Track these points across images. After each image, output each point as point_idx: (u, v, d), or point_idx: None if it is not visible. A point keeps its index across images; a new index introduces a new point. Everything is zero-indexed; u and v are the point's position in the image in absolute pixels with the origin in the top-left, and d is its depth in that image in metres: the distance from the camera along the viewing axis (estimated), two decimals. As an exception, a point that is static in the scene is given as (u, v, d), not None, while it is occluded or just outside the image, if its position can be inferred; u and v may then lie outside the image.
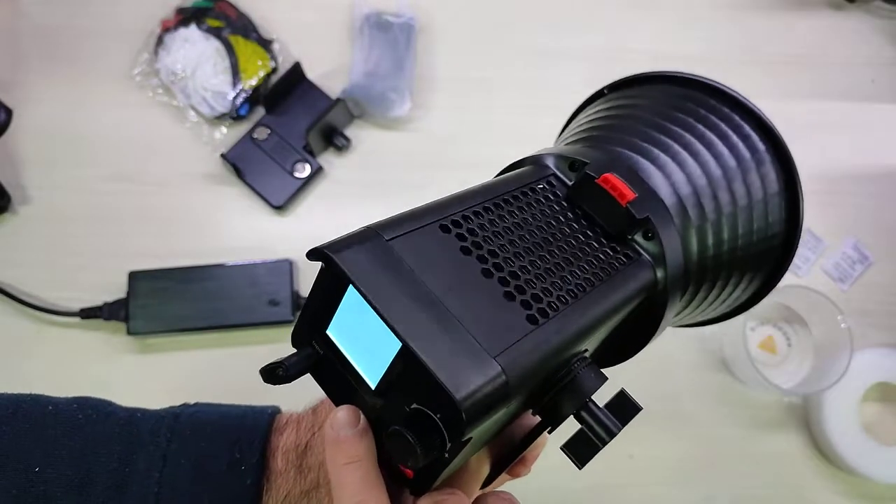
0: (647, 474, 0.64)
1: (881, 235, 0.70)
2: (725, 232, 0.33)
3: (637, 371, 0.67)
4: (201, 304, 0.63)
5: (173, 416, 0.34)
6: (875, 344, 0.66)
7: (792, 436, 0.65)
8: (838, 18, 0.76)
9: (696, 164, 0.33)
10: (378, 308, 0.22)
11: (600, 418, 0.25)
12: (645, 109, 0.36)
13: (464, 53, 0.74)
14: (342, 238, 0.24)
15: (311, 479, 0.32)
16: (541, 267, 0.26)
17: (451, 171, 0.70)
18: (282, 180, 0.68)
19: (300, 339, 0.27)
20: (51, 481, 0.31)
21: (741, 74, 0.74)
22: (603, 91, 0.40)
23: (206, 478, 0.32)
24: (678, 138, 0.33)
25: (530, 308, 0.25)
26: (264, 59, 0.70)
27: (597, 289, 0.27)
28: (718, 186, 0.33)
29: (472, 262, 0.25)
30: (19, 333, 0.64)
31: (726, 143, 0.34)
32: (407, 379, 0.23)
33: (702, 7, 0.76)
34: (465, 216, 0.27)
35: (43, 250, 0.67)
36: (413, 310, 0.22)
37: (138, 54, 0.71)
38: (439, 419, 0.22)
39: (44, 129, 0.70)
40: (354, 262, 0.23)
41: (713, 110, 0.35)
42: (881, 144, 0.73)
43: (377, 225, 0.24)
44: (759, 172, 0.34)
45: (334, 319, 0.25)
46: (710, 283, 0.33)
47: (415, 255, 0.24)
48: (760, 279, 0.36)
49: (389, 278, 0.23)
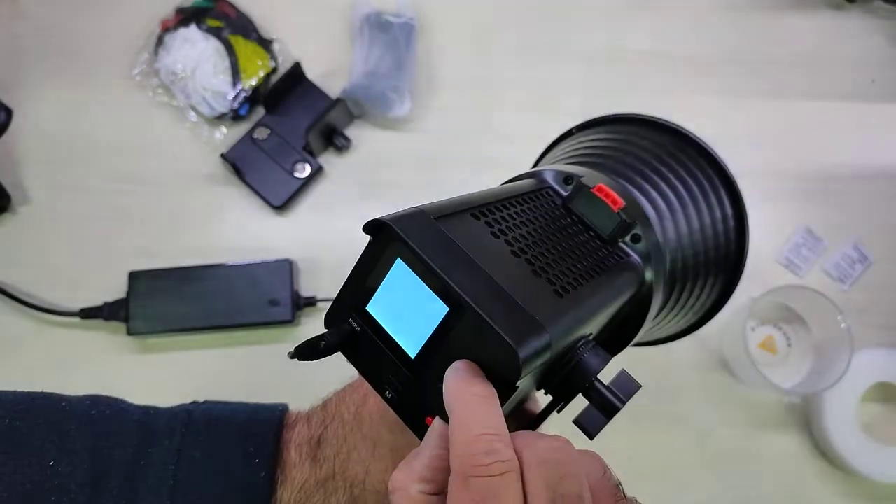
0: (647, 474, 0.64)
1: (881, 235, 0.70)
2: (689, 242, 0.39)
3: (637, 371, 0.67)
4: (201, 304, 0.63)
5: (186, 412, 0.34)
6: (875, 344, 0.66)
7: (792, 436, 0.65)
8: (838, 18, 0.76)
9: (666, 187, 0.39)
10: (437, 270, 0.24)
11: (606, 394, 0.28)
12: (617, 149, 0.42)
13: (464, 53, 0.74)
14: (394, 214, 0.26)
15: (326, 470, 0.33)
16: (554, 254, 0.30)
17: (451, 171, 0.70)
18: (282, 180, 0.68)
19: (335, 319, 0.28)
20: (65, 475, 0.31)
21: (741, 74, 0.74)
22: (571, 131, 0.46)
23: (221, 470, 0.32)
24: (649, 170, 0.40)
25: (554, 285, 0.28)
26: (264, 59, 0.70)
27: (601, 276, 0.31)
28: (684, 206, 0.39)
29: (502, 244, 0.28)
30: (19, 333, 0.65)
31: (686, 172, 0.41)
32: (453, 342, 0.25)
33: (701, 7, 0.76)
34: (488, 209, 0.29)
35: (43, 250, 0.67)
36: (466, 274, 0.25)
37: (138, 54, 0.71)
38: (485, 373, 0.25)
39: (44, 129, 0.70)
40: (412, 232, 0.25)
41: (677, 149, 0.42)
42: (881, 144, 0.73)
43: (423, 207, 0.27)
44: (715, 196, 0.42)
45: (376, 295, 0.27)
46: (682, 285, 0.39)
47: (457, 233, 0.26)
48: (722, 283, 0.43)
49: (442, 248, 0.25)
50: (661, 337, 0.46)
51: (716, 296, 0.43)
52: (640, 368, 0.69)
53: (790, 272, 0.69)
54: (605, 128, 0.45)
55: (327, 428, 0.34)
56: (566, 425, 0.29)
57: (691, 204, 0.40)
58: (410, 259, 0.25)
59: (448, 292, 0.24)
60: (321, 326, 0.29)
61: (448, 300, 0.25)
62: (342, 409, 0.35)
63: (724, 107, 0.73)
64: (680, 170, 0.41)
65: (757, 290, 0.64)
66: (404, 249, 0.25)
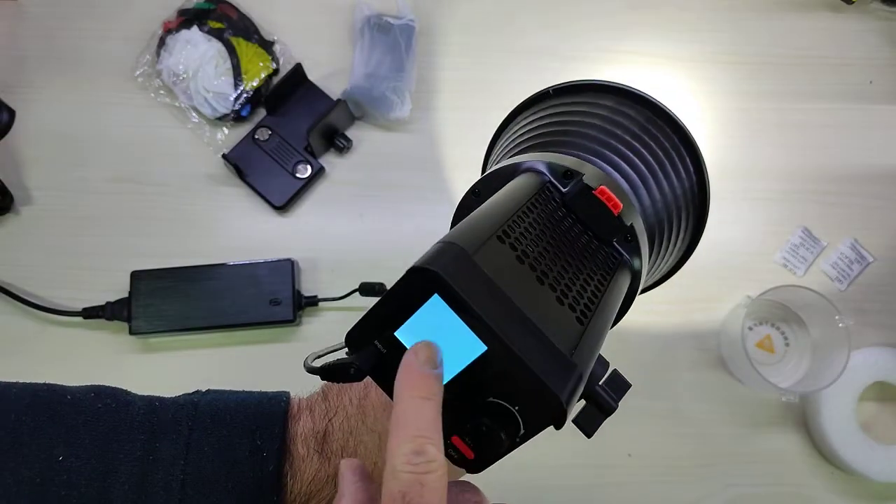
0: (646, 473, 0.64)
1: (879, 235, 0.70)
2: (663, 206, 0.41)
3: (636, 370, 0.67)
4: (203, 304, 0.64)
5: (192, 404, 0.34)
6: (873, 343, 0.66)
7: (790, 435, 0.65)
8: (837, 20, 0.77)
9: (636, 158, 0.41)
10: (482, 315, 0.25)
11: (604, 396, 0.29)
12: (598, 118, 0.43)
13: (464, 55, 0.74)
14: (435, 254, 0.26)
15: (335, 464, 0.34)
16: (570, 271, 0.31)
17: (451, 173, 0.71)
18: (283, 181, 0.68)
19: (359, 340, 0.28)
20: (73, 470, 0.31)
21: (740, 75, 0.75)
22: (549, 91, 0.46)
23: (230, 465, 0.32)
24: (625, 146, 0.41)
25: (575, 311, 0.29)
26: (266, 61, 0.71)
27: (608, 290, 0.32)
28: (654, 174, 0.41)
29: (526, 270, 0.28)
30: (22, 333, 0.65)
31: (657, 145, 0.42)
32: (486, 378, 0.26)
33: (700, 8, 0.77)
34: (510, 227, 0.30)
35: (45, 250, 0.67)
36: (504, 316, 0.25)
37: (140, 55, 0.72)
38: (517, 411, 0.25)
39: (46, 129, 0.70)
40: (456, 277, 0.25)
41: (648, 121, 0.43)
42: (879, 145, 0.73)
43: (458, 240, 0.27)
44: (681, 164, 0.43)
45: (407, 323, 0.26)
46: (657, 248, 0.42)
47: (490, 266, 0.26)
48: (688, 239, 0.45)
49: (482, 290, 0.26)
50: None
51: (681, 253, 0.46)
52: (641, 368, 0.70)
53: (788, 272, 0.69)
54: (572, 97, 0.45)
55: (332, 421, 0.35)
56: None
57: (660, 171, 0.42)
58: (449, 298, 0.25)
59: (489, 334, 0.25)
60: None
61: (487, 340, 0.25)
62: (344, 400, 0.35)
63: (724, 107, 0.74)
64: (644, 136, 0.42)
65: (755, 289, 0.64)
66: (443, 289, 0.25)
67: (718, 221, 0.70)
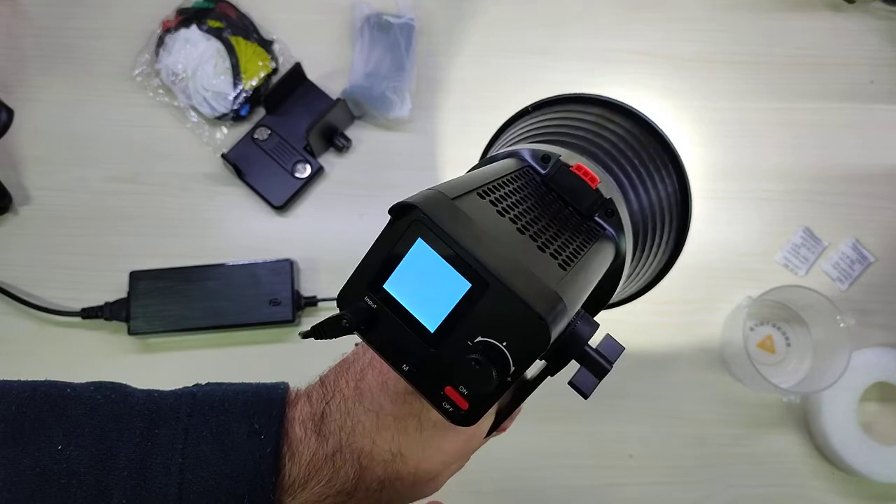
0: (647, 473, 0.64)
1: (880, 235, 0.70)
2: (650, 212, 0.43)
3: (636, 370, 0.68)
4: (202, 304, 0.63)
5: (190, 394, 0.35)
6: (874, 344, 0.66)
7: (791, 435, 0.65)
8: (837, 19, 0.76)
9: (625, 162, 0.43)
10: (465, 248, 0.26)
11: (597, 358, 0.30)
12: (577, 128, 0.45)
13: (464, 54, 0.74)
14: (417, 197, 0.27)
15: (332, 444, 0.34)
16: (551, 230, 0.31)
17: (451, 172, 0.71)
18: (282, 180, 0.68)
19: (349, 298, 0.29)
20: (73, 458, 0.31)
21: (740, 75, 0.74)
22: (528, 109, 0.49)
23: (228, 448, 0.33)
24: (611, 148, 0.43)
25: (557, 259, 0.29)
26: (265, 60, 0.70)
27: (590, 249, 0.33)
28: (642, 181, 0.43)
29: (507, 222, 0.29)
30: (21, 333, 0.65)
31: (643, 152, 0.44)
32: (474, 316, 0.26)
33: (700, 8, 0.76)
34: (489, 188, 0.31)
35: (44, 250, 0.67)
36: (488, 251, 0.26)
37: (139, 55, 0.72)
38: (505, 346, 0.26)
39: (45, 129, 0.70)
40: (438, 213, 0.26)
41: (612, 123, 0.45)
42: (879, 145, 0.73)
43: (439, 188, 0.28)
44: (665, 171, 0.45)
45: (394, 274, 0.28)
46: (641, 250, 0.42)
47: (472, 212, 0.27)
48: (674, 238, 0.46)
49: (464, 227, 0.26)
50: (619, 300, 0.48)
51: (666, 258, 0.47)
52: (640, 367, 0.70)
53: (789, 272, 0.69)
54: (563, 107, 0.47)
55: (329, 403, 0.35)
56: (561, 385, 0.31)
57: (647, 178, 0.43)
58: (432, 238, 0.26)
59: (471, 269, 0.26)
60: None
61: (470, 277, 0.26)
62: (341, 384, 0.36)
63: (724, 107, 0.73)
64: (634, 144, 0.44)
65: (756, 289, 0.64)
66: (426, 230, 0.26)
67: (719, 221, 0.71)
